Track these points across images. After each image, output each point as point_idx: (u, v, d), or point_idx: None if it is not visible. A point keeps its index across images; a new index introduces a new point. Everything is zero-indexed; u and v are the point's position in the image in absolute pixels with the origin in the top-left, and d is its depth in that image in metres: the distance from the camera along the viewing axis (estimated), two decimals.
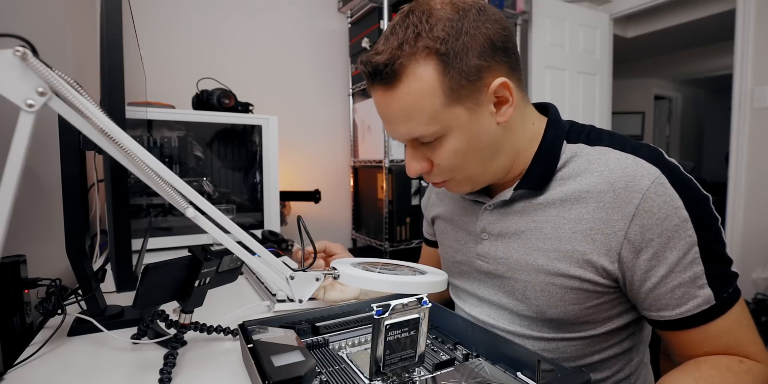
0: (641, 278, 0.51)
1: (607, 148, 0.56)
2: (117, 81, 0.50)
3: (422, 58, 0.49)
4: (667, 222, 0.49)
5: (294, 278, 0.52)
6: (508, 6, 2.25)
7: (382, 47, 0.51)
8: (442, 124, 0.52)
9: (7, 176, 0.39)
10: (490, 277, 0.64)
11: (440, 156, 0.56)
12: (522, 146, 0.59)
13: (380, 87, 0.53)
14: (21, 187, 0.40)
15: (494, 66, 0.52)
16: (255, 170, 1.50)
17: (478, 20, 0.50)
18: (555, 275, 0.55)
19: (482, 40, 0.50)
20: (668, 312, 0.51)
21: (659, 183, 0.50)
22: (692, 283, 0.50)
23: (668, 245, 0.49)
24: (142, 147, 0.44)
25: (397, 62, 0.50)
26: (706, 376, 0.48)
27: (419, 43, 0.49)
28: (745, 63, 2.25)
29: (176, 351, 0.54)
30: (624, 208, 0.51)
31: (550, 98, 2.56)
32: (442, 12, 0.50)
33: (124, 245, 0.53)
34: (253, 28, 2.03)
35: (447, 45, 0.49)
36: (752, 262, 2.24)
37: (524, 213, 0.59)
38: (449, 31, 0.49)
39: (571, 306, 0.56)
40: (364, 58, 0.53)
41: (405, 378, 0.47)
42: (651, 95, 5.31)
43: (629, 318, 0.58)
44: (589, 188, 0.54)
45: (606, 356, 0.59)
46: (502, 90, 0.52)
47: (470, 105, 0.52)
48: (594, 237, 0.53)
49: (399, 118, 0.54)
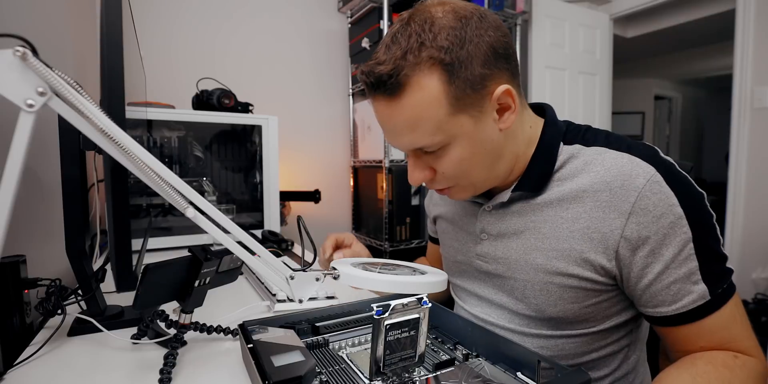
0: (638, 275, 0.52)
1: (603, 148, 0.56)
2: (117, 81, 0.50)
3: (427, 68, 0.49)
4: (663, 219, 0.50)
5: (294, 278, 0.52)
6: (508, 6, 2.25)
7: (384, 56, 0.50)
8: (447, 134, 0.52)
9: (7, 176, 0.39)
10: (489, 277, 0.65)
11: (444, 165, 0.55)
12: (520, 150, 0.59)
13: (383, 98, 0.52)
14: (21, 188, 0.40)
15: (497, 73, 0.51)
16: (255, 170, 1.50)
17: (481, 28, 0.50)
18: (553, 274, 0.56)
19: (485, 49, 0.50)
20: (664, 308, 0.52)
21: (654, 181, 0.50)
22: (687, 279, 0.50)
23: (664, 242, 0.50)
24: (142, 147, 0.44)
25: (402, 73, 0.49)
26: (701, 372, 0.48)
27: (423, 53, 0.48)
28: (745, 63, 2.25)
29: (176, 351, 0.54)
30: (620, 206, 0.51)
31: (550, 98, 2.56)
32: (445, 20, 0.49)
33: (124, 245, 0.53)
34: (253, 28, 2.03)
35: (452, 54, 0.48)
36: (752, 262, 2.24)
37: (522, 213, 0.60)
38: (453, 40, 0.48)
39: (570, 304, 0.56)
40: (366, 69, 0.51)
41: (405, 378, 0.47)
42: (651, 95, 5.30)
43: (627, 316, 0.59)
44: (585, 187, 0.54)
45: (604, 354, 0.60)
46: (505, 97, 0.52)
47: (474, 113, 0.52)
48: (591, 235, 0.53)
49: (402, 129, 0.53)
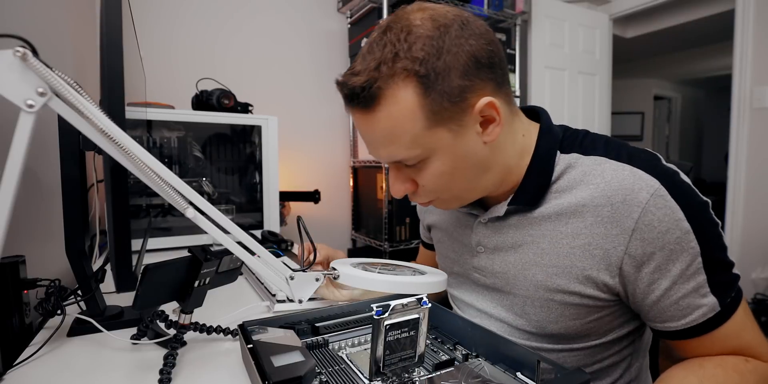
0: (644, 291, 0.50)
1: (603, 157, 0.53)
2: (117, 81, 0.50)
3: (401, 80, 0.47)
4: (669, 235, 0.47)
5: (294, 278, 0.52)
6: (507, 6, 2.25)
7: (359, 67, 0.48)
8: (425, 147, 0.50)
9: (7, 176, 0.39)
10: (488, 291, 0.63)
11: (425, 178, 0.53)
12: (512, 162, 0.56)
13: (358, 110, 0.50)
14: (21, 188, 0.40)
15: (479, 84, 0.49)
16: (255, 170, 1.50)
17: (461, 36, 0.47)
18: (554, 291, 0.54)
19: (465, 59, 0.47)
20: (674, 323, 0.50)
21: (659, 195, 0.48)
22: (696, 293, 0.49)
23: (671, 258, 0.48)
24: (142, 147, 0.44)
25: (375, 85, 0.47)
26: (710, 375, 0.47)
27: (397, 64, 0.46)
28: (744, 63, 2.26)
29: (176, 351, 0.54)
30: (623, 222, 0.49)
31: (549, 98, 2.56)
32: (422, 29, 0.47)
33: (123, 245, 0.53)
34: (252, 28, 2.03)
35: (427, 66, 0.46)
36: (752, 262, 2.24)
37: (519, 227, 0.58)
38: (429, 50, 0.46)
39: (572, 321, 0.54)
40: (341, 80, 0.50)
41: (405, 378, 0.47)
42: (651, 95, 5.30)
43: (630, 327, 0.58)
44: (585, 202, 0.52)
45: (607, 364, 0.58)
46: (488, 109, 0.50)
47: (454, 127, 0.49)
48: (593, 252, 0.51)
49: (380, 142, 0.52)
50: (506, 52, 2.31)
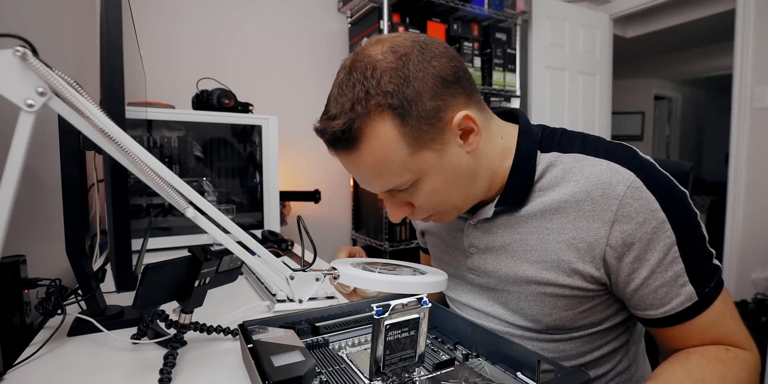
0: (625, 280, 0.53)
1: (581, 154, 0.55)
2: (117, 81, 0.50)
3: (377, 115, 0.48)
4: (646, 225, 0.50)
5: (294, 278, 0.52)
6: (508, 6, 2.25)
7: (334, 111, 0.50)
8: (414, 171, 0.52)
9: (7, 176, 0.39)
10: (483, 290, 0.65)
11: (420, 199, 0.55)
12: (495, 164, 0.58)
13: (343, 152, 0.52)
14: (21, 187, 0.40)
15: (450, 101, 0.51)
16: (255, 170, 1.50)
17: (423, 61, 0.49)
18: (545, 285, 0.56)
19: (432, 81, 0.49)
20: (653, 311, 0.52)
21: (635, 187, 0.50)
22: (674, 282, 0.51)
23: (648, 247, 0.50)
24: (142, 147, 0.44)
25: (354, 127, 0.48)
26: (696, 367, 0.49)
27: (371, 102, 0.48)
28: (744, 63, 2.25)
29: (176, 351, 0.54)
30: (603, 215, 0.51)
31: (550, 98, 2.56)
32: (385, 62, 0.49)
33: (124, 245, 0.53)
34: (253, 28, 2.03)
35: (398, 96, 0.48)
36: (752, 262, 2.24)
37: (508, 226, 0.60)
38: (397, 81, 0.48)
39: (565, 312, 0.56)
40: (319, 126, 0.52)
41: (405, 378, 0.47)
42: (651, 95, 5.30)
43: (625, 314, 0.59)
44: (567, 198, 0.54)
45: (606, 351, 0.60)
46: (465, 122, 0.52)
47: (437, 146, 0.51)
48: (577, 246, 0.53)
49: (370, 176, 0.53)
50: (506, 52, 2.32)
